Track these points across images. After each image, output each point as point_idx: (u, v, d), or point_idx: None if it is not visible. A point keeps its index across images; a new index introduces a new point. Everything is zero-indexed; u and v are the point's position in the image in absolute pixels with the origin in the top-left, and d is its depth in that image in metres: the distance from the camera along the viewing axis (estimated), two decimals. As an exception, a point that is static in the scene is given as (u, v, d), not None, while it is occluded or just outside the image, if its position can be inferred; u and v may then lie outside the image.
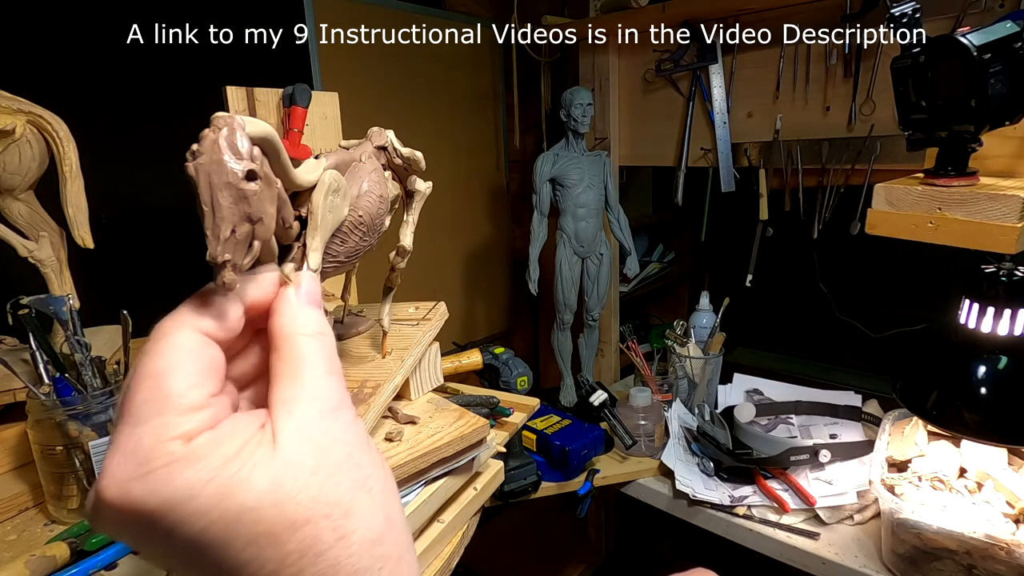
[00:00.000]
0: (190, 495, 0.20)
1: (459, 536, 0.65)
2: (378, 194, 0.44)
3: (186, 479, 0.20)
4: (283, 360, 0.24)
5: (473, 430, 0.61)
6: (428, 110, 1.60)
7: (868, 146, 1.12)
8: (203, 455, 0.21)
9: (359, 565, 0.22)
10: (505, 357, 1.13)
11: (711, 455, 1.19)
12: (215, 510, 0.20)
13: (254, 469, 0.21)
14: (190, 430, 0.21)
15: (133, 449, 0.21)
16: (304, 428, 0.22)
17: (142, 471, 0.20)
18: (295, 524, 0.21)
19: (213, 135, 0.22)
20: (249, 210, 0.23)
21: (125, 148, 1.10)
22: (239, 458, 0.21)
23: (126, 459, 0.20)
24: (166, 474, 0.20)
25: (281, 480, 0.21)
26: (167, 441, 0.21)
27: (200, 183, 0.22)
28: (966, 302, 0.89)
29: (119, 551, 0.61)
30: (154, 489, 0.20)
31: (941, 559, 0.87)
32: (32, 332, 0.68)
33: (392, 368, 0.61)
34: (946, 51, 0.72)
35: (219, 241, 0.22)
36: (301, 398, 0.23)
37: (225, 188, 0.22)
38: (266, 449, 0.22)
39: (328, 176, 0.33)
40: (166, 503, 0.20)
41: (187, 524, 0.20)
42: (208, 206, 0.22)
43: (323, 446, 0.22)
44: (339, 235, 0.41)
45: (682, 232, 2.05)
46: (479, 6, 1.71)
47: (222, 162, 0.22)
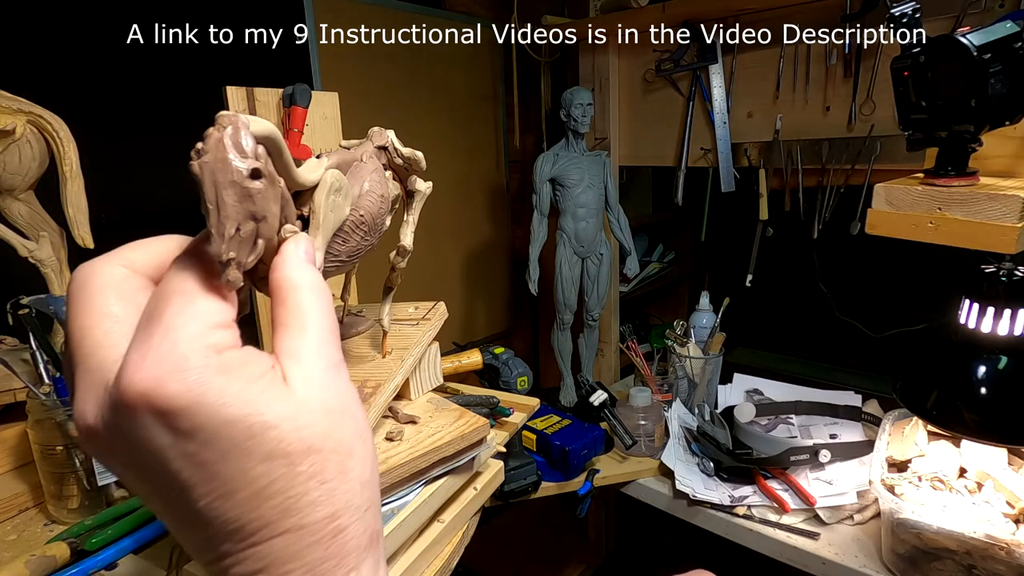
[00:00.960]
0: (221, 400, 0.21)
1: (459, 536, 0.66)
2: (379, 194, 0.44)
3: (219, 385, 0.21)
4: (289, 311, 0.25)
5: (473, 429, 0.61)
6: (428, 110, 1.60)
7: (868, 146, 1.12)
8: (233, 368, 0.22)
9: (353, 501, 0.24)
10: (505, 357, 1.13)
11: (711, 455, 1.19)
12: (242, 421, 0.21)
13: (277, 397, 0.22)
14: (220, 342, 0.22)
15: (167, 350, 0.21)
16: (311, 378, 0.24)
17: (177, 369, 0.21)
18: (309, 450, 0.22)
19: (218, 134, 0.22)
20: (254, 208, 0.23)
21: (125, 148, 1.10)
22: (263, 381, 0.22)
23: (162, 357, 0.21)
24: (200, 376, 0.21)
25: (299, 412, 0.23)
26: (202, 348, 0.22)
27: (205, 181, 0.22)
28: (966, 302, 0.89)
29: (119, 551, 0.61)
30: (189, 388, 0.21)
31: (941, 559, 0.87)
32: (32, 332, 0.68)
33: (392, 368, 0.61)
34: (946, 51, 0.72)
35: (224, 239, 0.23)
36: (307, 350, 0.24)
37: (230, 186, 0.22)
38: (280, 386, 0.23)
39: (330, 175, 0.33)
40: (197, 403, 0.21)
41: (212, 429, 0.21)
42: (213, 204, 0.22)
43: (328, 396, 0.24)
44: (341, 234, 0.41)
45: (682, 232, 2.05)
46: (479, 6, 1.71)
47: (227, 160, 0.22)
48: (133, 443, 0.22)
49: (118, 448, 0.22)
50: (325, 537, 0.23)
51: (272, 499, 0.22)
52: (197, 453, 0.21)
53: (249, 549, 0.22)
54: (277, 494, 0.22)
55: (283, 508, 0.22)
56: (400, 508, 0.57)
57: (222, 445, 0.21)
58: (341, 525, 0.23)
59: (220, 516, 0.22)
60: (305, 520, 0.22)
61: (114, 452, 0.23)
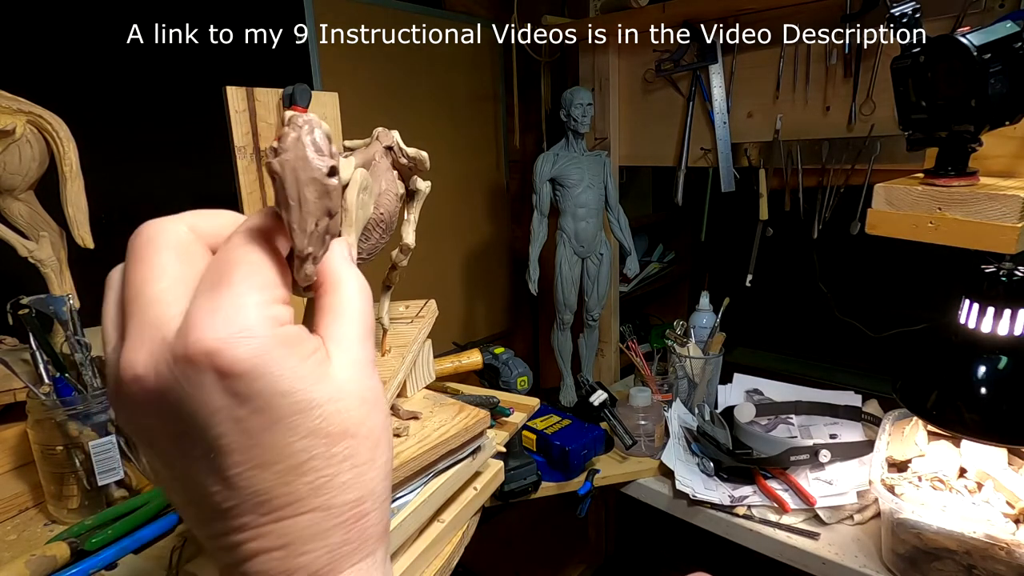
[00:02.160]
0: (280, 371, 0.22)
1: (459, 536, 0.66)
2: (395, 192, 0.45)
3: (279, 356, 0.22)
4: (337, 300, 0.26)
5: (476, 421, 0.63)
6: (428, 110, 1.60)
7: (868, 146, 1.12)
8: (292, 342, 0.22)
9: (376, 488, 0.25)
10: (505, 357, 1.13)
11: (711, 455, 1.19)
12: (293, 395, 0.22)
13: (323, 378, 0.23)
14: (281, 315, 0.23)
15: (236, 312, 0.22)
16: (352, 366, 0.25)
17: (246, 334, 0.21)
18: (346, 433, 0.23)
19: (295, 133, 0.23)
20: (330, 204, 0.24)
21: (125, 148, 1.10)
22: (312, 360, 0.23)
23: (230, 320, 0.21)
24: (265, 344, 0.22)
25: (341, 396, 0.23)
26: (267, 318, 0.22)
27: (287, 179, 0.23)
28: (966, 302, 0.89)
29: (119, 551, 0.61)
30: (254, 354, 0.21)
31: (941, 559, 0.87)
32: (32, 332, 0.68)
33: (394, 365, 0.62)
34: (946, 51, 0.72)
35: (306, 234, 0.23)
36: (351, 339, 0.25)
37: (311, 183, 0.23)
38: (327, 368, 0.24)
39: (359, 174, 0.33)
40: (259, 369, 0.21)
41: (266, 398, 0.22)
42: (295, 201, 0.23)
43: (366, 386, 0.25)
44: (363, 232, 0.41)
45: (682, 232, 2.05)
46: (479, 6, 1.71)
47: (307, 159, 0.23)
48: (184, 399, 0.22)
49: (164, 403, 0.22)
50: (349, 520, 0.23)
51: (306, 475, 0.22)
52: (246, 419, 0.22)
53: (273, 524, 0.22)
54: (312, 471, 0.22)
55: (315, 486, 0.23)
56: (401, 508, 0.57)
57: (272, 415, 0.22)
58: (365, 510, 0.24)
59: (251, 486, 0.22)
60: (333, 501, 0.23)
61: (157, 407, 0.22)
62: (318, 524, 0.23)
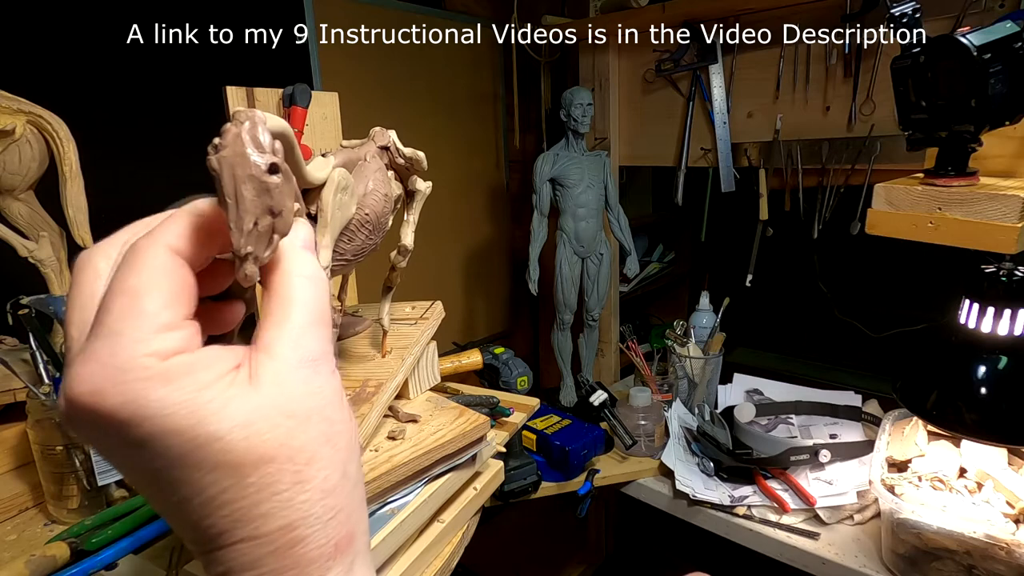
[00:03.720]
0: (163, 412, 0.20)
1: (459, 536, 0.65)
2: (383, 193, 0.45)
3: (160, 396, 0.20)
4: (274, 301, 0.24)
5: (474, 427, 0.62)
6: (428, 110, 1.60)
7: (868, 146, 1.12)
8: (177, 376, 0.21)
9: (311, 511, 0.23)
10: (505, 357, 1.13)
11: (711, 455, 1.19)
12: (186, 432, 0.21)
13: (227, 404, 0.21)
14: (164, 348, 0.21)
15: (108, 359, 0.20)
16: (282, 375, 0.23)
17: (117, 381, 0.20)
18: (260, 461, 0.21)
19: (235, 129, 0.23)
20: (271, 203, 0.23)
21: (125, 148, 1.10)
22: (213, 389, 0.21)
23: (101, 367, 0.20)
24: (141, 387, 0.20)
25: (252, 420, 0.22)
26: (143, 356, 0.21)
27: (224, 176, 0.22)
28: (966, 302, 0.89)
29: (119, 551, 0.61)
30: (129, 400, 0.20)
31: (941, 559, 0.87)
32: (32, 332, 0.68)
33: (393, 367, 0.61)
34: (946, 51, 0.72)
35: (243, 233, 0.23)
36: (284, 343, 0.23)
37: (248, 181, 0.22)
38: (240, 388, 0.22)
39: (337, 174, 0.33)
40: (138, 415, 0.20)
41: (157, 440, 0.20)
42: (232, 199, 0.22)
43: (298, 396, 0.23)
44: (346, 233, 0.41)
45: (682, 232, 2.05)
46: (479, 6, 1.71)
47: (245, 155, 0.22)
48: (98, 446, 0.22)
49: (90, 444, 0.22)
50: (281, 548, 0.22)
51: (222, 509, 0.21)
52: (149, 461, 0.21)
53: (211, 553, 0.22)
54: (226, 504, 0.21)
55: (234, 519, 0.21)
56: (400, 508, 0.57)
57: (170, 455, 0.21)
58: (299, 536, 0.22)
59: (184, 518, 0.22)
60: (259, 531, 0.22)
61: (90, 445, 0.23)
62: (249, 553, 0.22)
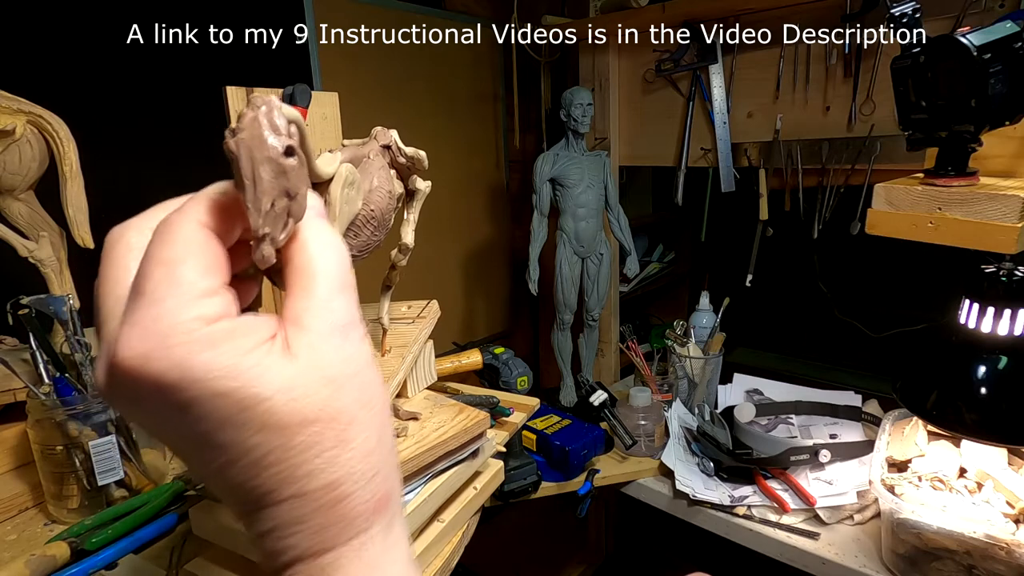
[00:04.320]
0: (209, 375, 0.21)
1: (459, 536, 0.66)
2: (387, 190, 0.45)
3: (206, 359, 0.21)
4: (297, 272, 0.25)
5: (475, 423, 0.63)
6: (428, 110, 1.60)
7: (868, 146, 1.12)
8: (220, 340, 0.21)
9: (354, 468, 0.23)
10: (505, 357, 1.13)
11: (711, 455, 1.19)
12: (232, 394, 0.21)
13: (268, 369, 0.22)
14: (207, 313, 0.22)
15: (152, 325, 0.21)
16: (315, 344, 0.23)
17: (164, 345, 0.21)
18: (304, 422, 0.22)
19: (252, 113, 0.23)
20: (287, 184, 0.24)
21: (125, 148, 1.10)
22: (254, 354, 0.22)
23: (146, 333, 0.21)
24: (187, 350, 0.21)
25: (293, 385, 0.22)
26: (187, 320, 0.21)
27: (242, 157, 0.23)
28: (966, 302, 0.89)
29: (119, 551, 0.61)
30: (175, 364, 0.21)
31: (941, 559, 0.87)
32: (32, 332, 0.68)
33: (394, 365, 0.62)
34: (946, 51, 0.72)
35: (260, 213, 0.23)
36: (313, 314, 0.24)
37: (266, 162, 0.23)
38: (278, 356, 0.23)
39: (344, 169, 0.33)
40: (186, 378, 0.21)
41: (204, 402, 0.21)
42: (250, 179, 0.23)
43: (333, 362, 0.24)
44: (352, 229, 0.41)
45: (682, 232, 2.05)
46: (479, 6, 1.71)
47: (262, 137, 0.23)
48: (135, 411, 0.22)
49: (131, 415, 0.23)
50: (326, 504, 0.23)
51: (269, 468, 0.22)
52: (194, 424, 0.21)
53: (257, 512, 0.23)
54: (274, 463, 0.22)
55: (281, 477, 0.22)
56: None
57: (216, 418, 0.21)
58: (343, 493, 0.23)
59: (228, 480, 0.22)
60: (305, 488, 0.23)
61: (130, 416, 0.23)
62: (297, 510, 0.23)
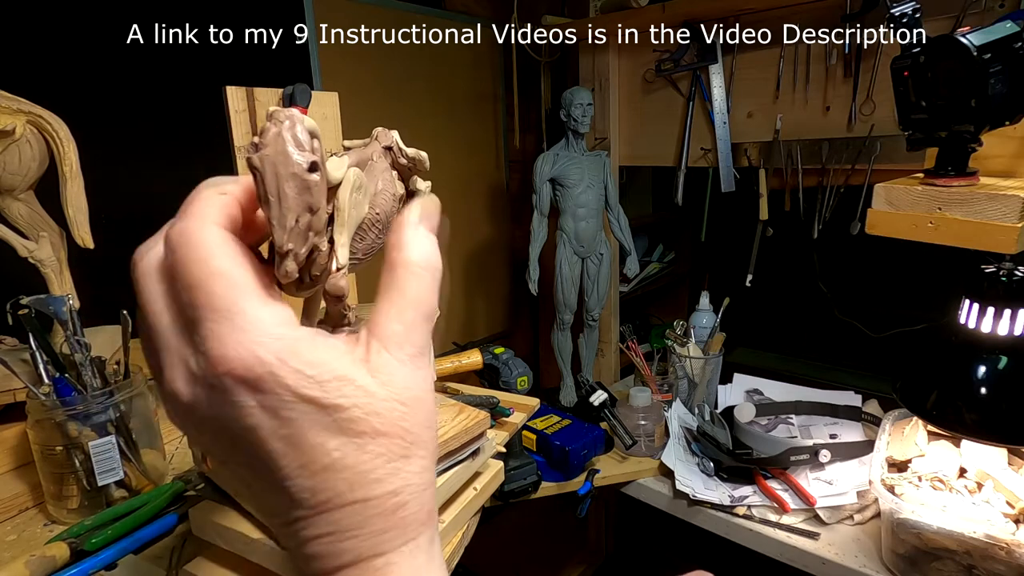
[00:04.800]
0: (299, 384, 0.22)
1: (459, 536, 0.66)
2: (391, 192, 0.45)
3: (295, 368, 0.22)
4: (394, 284, 0.26)
5: (476, 423, 0.63)
6: (428, 110, 1.60)
7: (868, 146, 1.12)
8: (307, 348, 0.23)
9: (413, 480, 0.25)
10: (505, 357, 1.13)
11: (711, 455, 1.19)
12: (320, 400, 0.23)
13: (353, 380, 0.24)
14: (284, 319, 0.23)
15: (250, 323, 0.22)
16: (392, 365, 0.25)
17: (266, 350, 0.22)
18: (377, 433, 0.24)
19: (275, 128, 0.23)
20: (311, 200, 0.24)
21: (125, 148, 1.10)
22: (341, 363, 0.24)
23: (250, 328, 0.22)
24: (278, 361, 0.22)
25: (373, 399, 0.24)
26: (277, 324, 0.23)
27: (267, 174, 0.23)
28: (966, 302, 0.89)
29: (119, 551, 0.61)
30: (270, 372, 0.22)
31: (941, 559, 0.87)
32: (32, 332, 0.68)
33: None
34: (946, 51, 0.72)
35: (286, 230, 0.23)
36: (400, 339, 0.25)
37: (291, 179, 0.23)
38: (361, 369, 0.24)
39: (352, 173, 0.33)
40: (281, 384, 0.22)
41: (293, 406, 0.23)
42: (275, 196, 0.23)
43: (409, 386, 0.25)
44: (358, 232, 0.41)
45: (682, 232, 2.05)
46: (479, 6, 1.71)
47: (287, 153, 0.23)
48: (218, 417, 0.23)
49: (208, 423, 0.24)
50: (387, 510, 0.25)
51: (342, 472, 0.24)
52: (280, 429, 0.23)
53: (319, 516, 0.24)
54: (347, 468, 0.24)
55: (352, 482, 0.24)
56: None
57: (303, 424, 0.23)
58: (402, 501, 0.25)
59: (296, 486, 0.24)
60: (370, 494, 0.24)
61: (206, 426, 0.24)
62: (359, 513, 0.24)
